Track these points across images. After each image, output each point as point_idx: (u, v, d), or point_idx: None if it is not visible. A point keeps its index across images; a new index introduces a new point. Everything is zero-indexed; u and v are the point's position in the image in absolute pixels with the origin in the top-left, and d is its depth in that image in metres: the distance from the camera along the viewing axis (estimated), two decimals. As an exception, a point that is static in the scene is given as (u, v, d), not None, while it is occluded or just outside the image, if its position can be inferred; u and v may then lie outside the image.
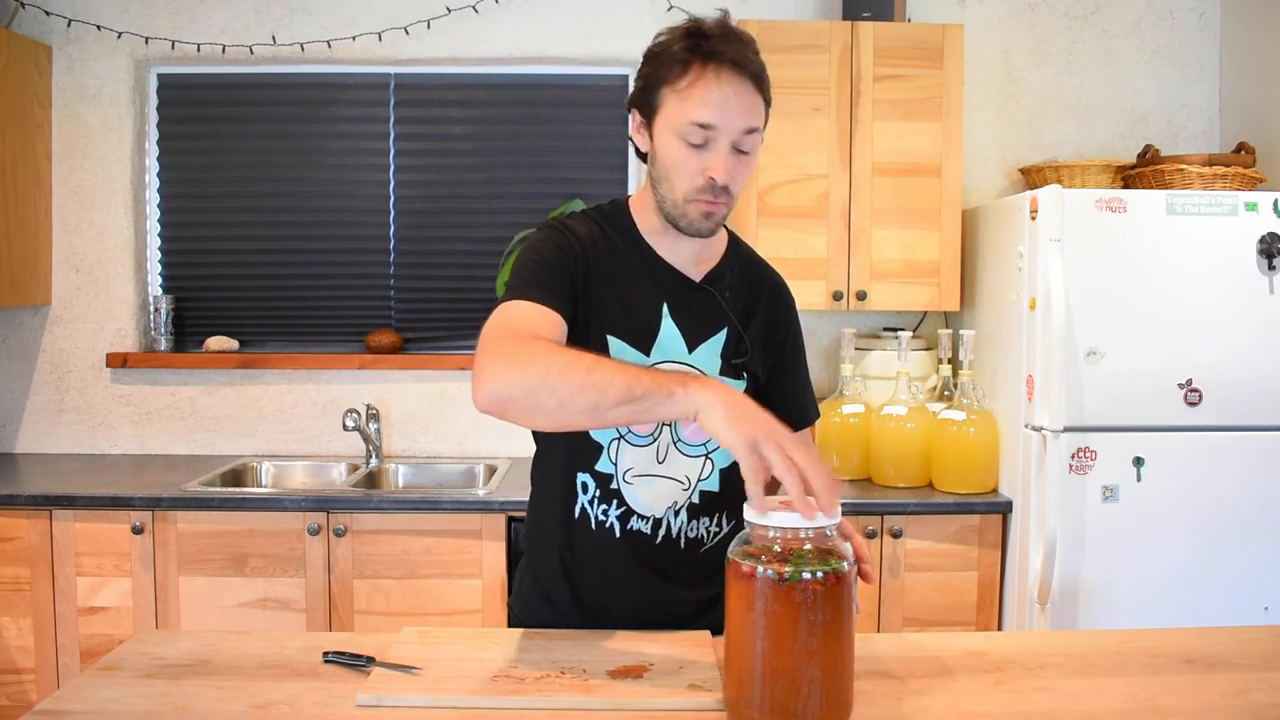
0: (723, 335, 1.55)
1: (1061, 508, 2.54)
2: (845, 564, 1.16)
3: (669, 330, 1.52)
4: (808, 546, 1.16)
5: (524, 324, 1.35)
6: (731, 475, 1.56)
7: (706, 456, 1.55)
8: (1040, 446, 2.57)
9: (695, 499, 1.56)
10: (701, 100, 1.41)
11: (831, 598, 1.14)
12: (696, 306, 1.55)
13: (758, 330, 1.59)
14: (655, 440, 1.53)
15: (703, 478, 1.56)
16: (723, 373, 1.54)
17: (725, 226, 1.64)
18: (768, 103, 1.48)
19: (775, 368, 1.62)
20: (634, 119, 1.51)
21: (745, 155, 1.47)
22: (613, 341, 1.49)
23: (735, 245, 1.64)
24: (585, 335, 1.47)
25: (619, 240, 1.54)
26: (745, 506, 1.19)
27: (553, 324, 1.38)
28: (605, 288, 1.50)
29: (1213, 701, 1.29)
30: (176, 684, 1.32)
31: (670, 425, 1.52)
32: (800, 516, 1.16)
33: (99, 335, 3.30)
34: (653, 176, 1.51)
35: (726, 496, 1.57)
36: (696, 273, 1.57)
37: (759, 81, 1.44)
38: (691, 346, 1.53)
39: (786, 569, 1.14)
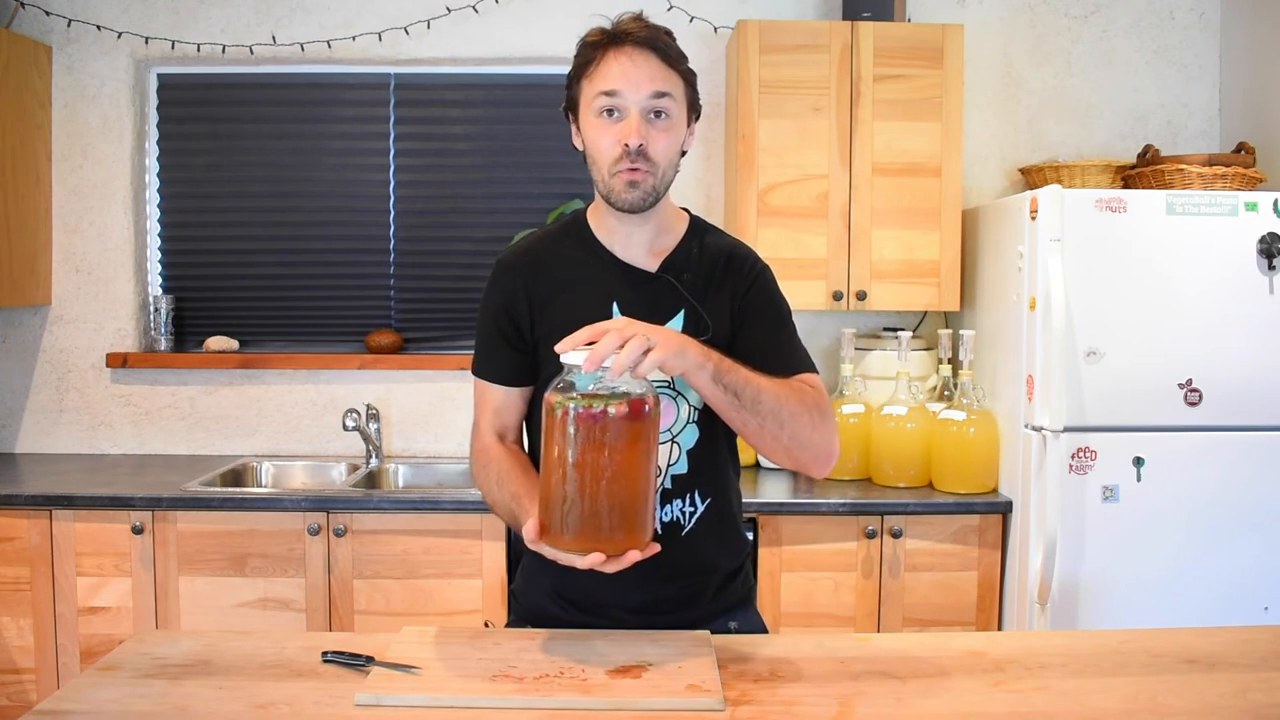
0: (679, 319, 1.58)
1: (1061, 508, 2.54)
2: (641, 402, 1.28)
3: None
4: (618, 386, 1.28)
5: (483, 416, 1.65)
6: (699, 455, 1.60)
7: (673, 441, 1.58)
8: (1040, 446, 2.57)
9: (668, 484, 1.58)
10: (605, 74, 1.51)
11: (626, 429, 1.27)
12: (650, 297, 1.58)
13: (717, 303, 1.60)
14: None
15: (671, 462, 1.58)
16: None
17: (690, 213, 1.68)
18: (685, 78, 1.55)
19: (740, 330, 1.60)
20: (571, 123, 1.60)
21: (662, 121, 1.52)
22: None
23: (696, 228, 1.67)
24: (543, 349, 1.57)
25: (574, 248, 1.63)
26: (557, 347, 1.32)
27: (500, 403, 1.64)
28: (556, 304, 1.60)
29: (1213, 701, 1.29)
30: (176, 684, 1.32)
31: None
32: (576, 356, 1.28)
33: (99, 335, 3.30)
34: (588, 167, 1.58)
35: (697, 476, 1.60)
36: (653, 263, 1.61)
37: (664, 53, 1.52)
38: None
39: (585, 402, 1.27)
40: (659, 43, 1.52)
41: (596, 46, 1.53)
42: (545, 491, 1.31)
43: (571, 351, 1.30)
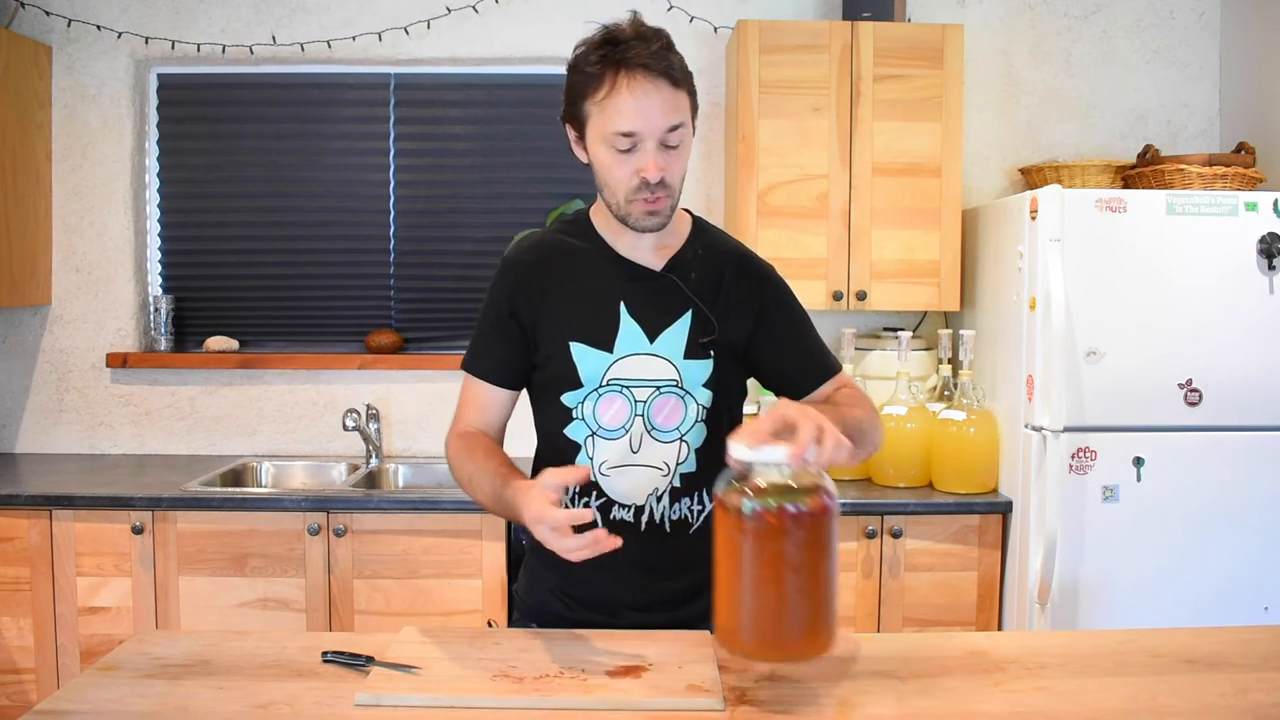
0: (687, 319, 1.58)
1: (1061, 508, 2.54)
2: (826, 497, 1.21)
3: (628, 326, 1.58)
4: (790, 481, 1.21)
5: (466, 413, 1.67)
6: (707, 453, 1.60)
7: (681, 440, 1.59)
8: (1040, 446, 2.57)
9: (676, 482, 1.59)
10: (619, 110, 1.47)
11: (811, 528, 1.20)
12: (656, 296, 1.59)
13: (726, 305, 1.61)
14: (628, 432, 1.57)
15: (680, 461, 1.59)
16: (687, 355, 1.58)
17: (690, 213, 1.69)
18: (691, 93, 1.53)
19: (763, 339, 1.63)
20: (570, 133, 1.57)
21: (675, 149, 1.51)
22: (574, 347, 1.58)
23: (699, 229, 1.67)
24: (550, 347, 1.58)
25: (581, 247, 1.63)
26: (730, 442, 1.23)
27: (486, 401, 1.66)
28: (562, 300, 1.59)
29: (1213, 701, 1.29)
30: (176, 684, 1.32)
31: (643, 415, 1.56)
32: (778, 451, 1.21)
33: (99, 335, 3.30)
34: (596, 184, 1.57)
35: (706, 475, 1.60)
36: (658, 262, 1.62)
37: (674, 79, 1.49)
38: (652, 337, 1.58)
39: (768, 501, 1.19)
40: (668, 67, 1.47)
41: (604, 74, 1.47)
42: (725, 594, 1.25)
43: (766, 448, 1.21)
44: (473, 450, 1.58)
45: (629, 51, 1.46)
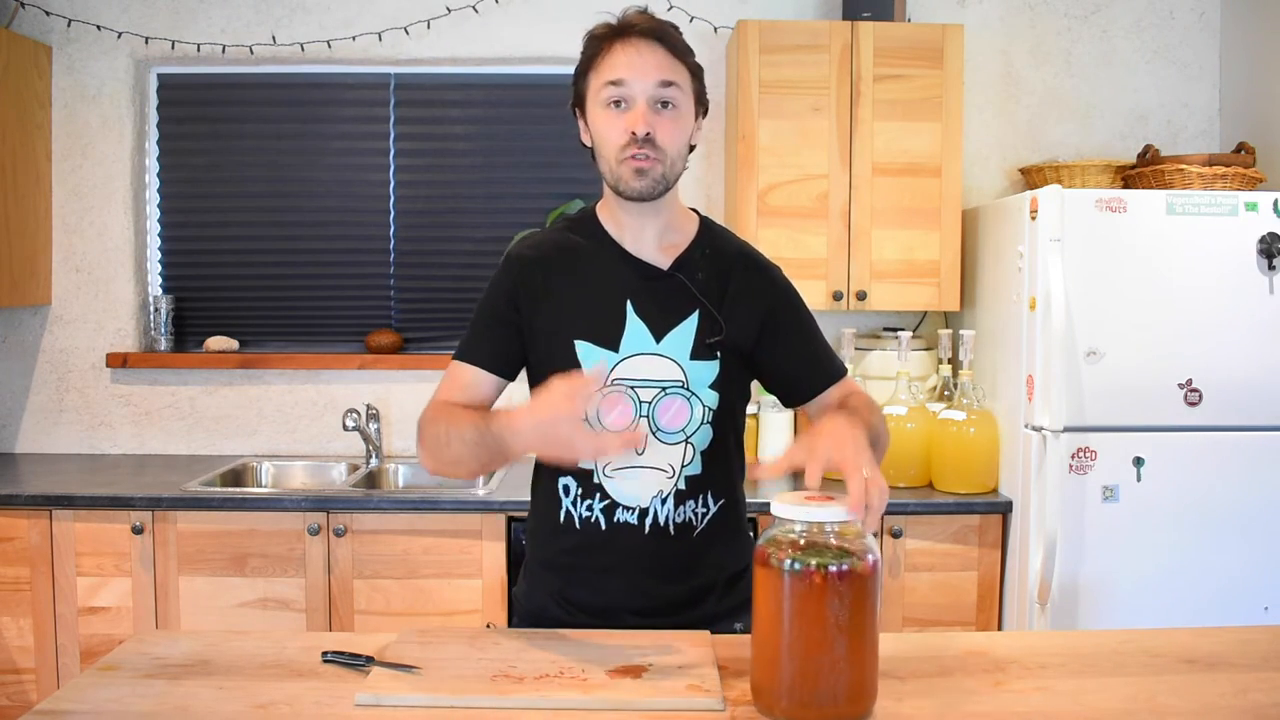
0: (693, 319, 1.57)
1: (1061, 508, 2.54)
2: (870, 556, 1.20)
3: (634, 325, 1.56)
4: (833, 539, 1.20)
5: (448, 392, 1.60)
6: (711, 455, 1.60)
7: (686, 441, 1.57)
8: (1040, 446, 2.57)
9: (681, 485, 1.58)
10: (611, 64, 1.51)
11: (855, 589, 1.18)
12: (663, 296, 1.58)
13: (733, 307, 1.60)
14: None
15: (685, 463, 1.58)
16: (694, 356, 1.57)
17: (698, 212, 1.69)
18: (692, 70, 1.55)
19: (770, 341, 1.62)
20: (579, 121, 1.60)
21: (670, 110, 1.52)
22: (580, 345, 1.56)
23: (707, 228, 1.67)
24: (553, 344, 1.56)
25: (585, 243, 1.62)
26: (774, 501, 1.22)
27: (471, 382, 1.59)
28: (567, 297, 1.58)
29: (1213, 701, 1.29)
30: (176, 684, 1.32)
31: (648, 416, 1.55)
32: (826, 510, 1.19)
33: (99, 335, 3.30)
34: (595, 160, 1.58)
35: (711, 477, 1.60)
36: (665, 260, 1.61)
37: (670, 44, 1.52)
38: (658, 337, 1.57)
39: (812, 561, 1.18)
40: (666, 34, 1.52)
41: (603, 39, 1.52)
42: (763, 654, 1.23)
43: (816, 508, 1.19)
44: (451, 413, 1.51)
45: (628, 21, 1.52)
